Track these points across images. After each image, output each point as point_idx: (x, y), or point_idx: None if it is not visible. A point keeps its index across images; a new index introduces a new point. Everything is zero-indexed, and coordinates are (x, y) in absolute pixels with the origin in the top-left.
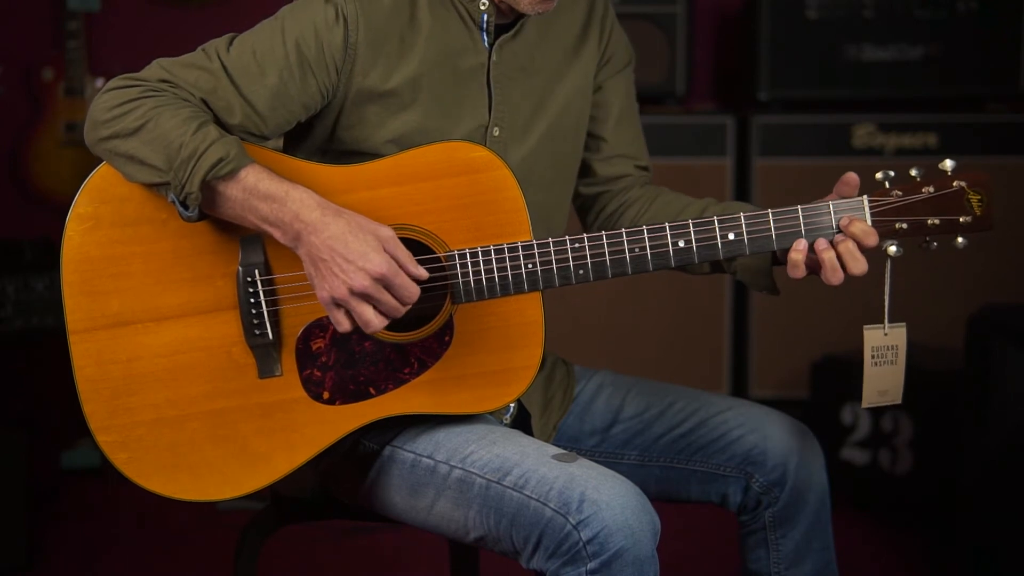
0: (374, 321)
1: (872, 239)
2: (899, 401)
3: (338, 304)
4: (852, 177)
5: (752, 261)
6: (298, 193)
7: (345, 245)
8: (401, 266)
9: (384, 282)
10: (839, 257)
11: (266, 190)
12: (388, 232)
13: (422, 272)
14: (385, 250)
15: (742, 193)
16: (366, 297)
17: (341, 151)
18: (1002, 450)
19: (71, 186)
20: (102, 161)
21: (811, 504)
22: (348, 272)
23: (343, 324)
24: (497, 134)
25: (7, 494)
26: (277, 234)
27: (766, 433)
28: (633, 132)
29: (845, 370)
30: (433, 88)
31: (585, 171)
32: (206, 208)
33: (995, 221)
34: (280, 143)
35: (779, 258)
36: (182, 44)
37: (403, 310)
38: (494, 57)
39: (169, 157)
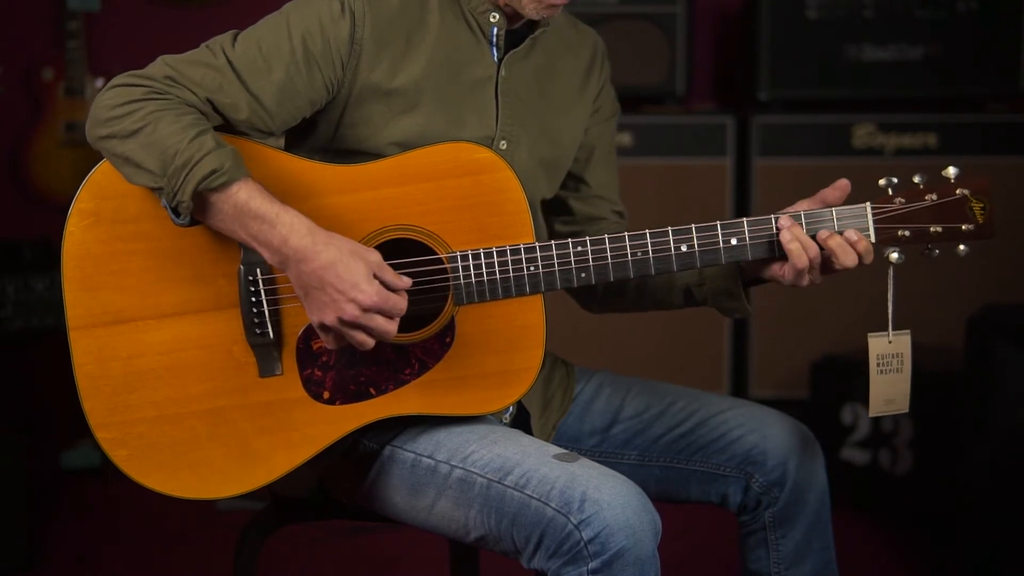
0: (368, 343)
1: (868, 257)
2: (906, 410)
3: (328, 328)
4: (843, 183)
5: (721, 286)
6: (288, 217)
7: (336, 276)
8: (387, 284)
9: (375, 310)
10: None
11: (256, 209)
12: (376, 257)
13: (406, 282)
14: (375, 276)
15: (742, 193)
16: (356, 326)
17: (344, 150)
18: (1002, 450)
19: (71, 186)
20: (103, 159)
21: (811, 504)
22: (339, 303)
23: (333, 345)
24: (504, 147)
25: (7, 494)
26: (266, 254)
27: (766, 433)
28: (610, 175)
29: (845, 370)
30: (438, 93)
31: (564, 209)
32: (198, 216)
33: (996, 228)
34: (282, 142)
35: (748, 271)
36: (182, 44)
37: (394, 332)
38: (503, 72)
39: (164, 163)
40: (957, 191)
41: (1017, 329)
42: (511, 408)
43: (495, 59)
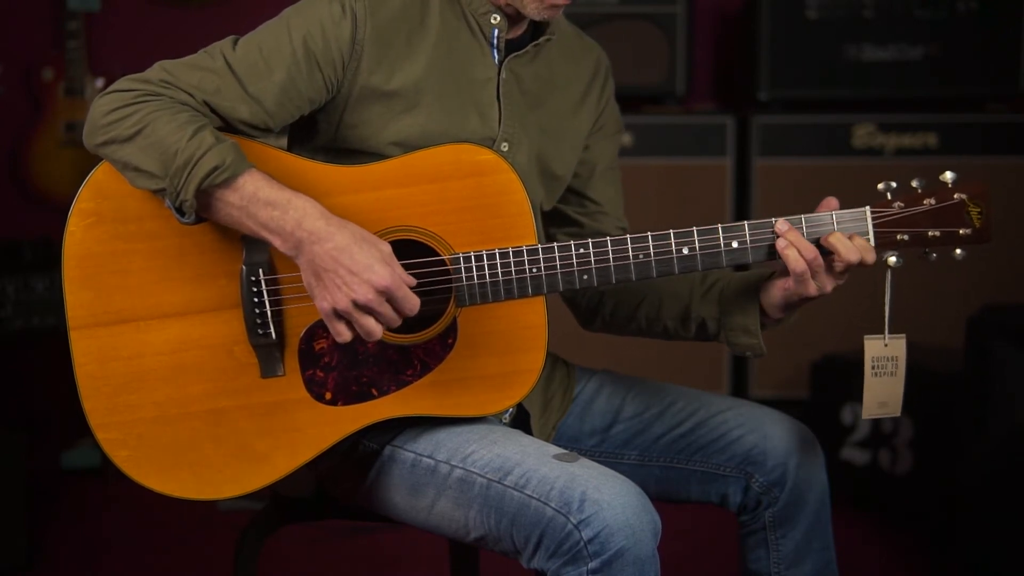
0: (376, 330)
1: (870, 256)
2: (898, 414)
3: (339, 315)
4: (832, 202)
5: (739, 323)
6: (300, 202)
7: (351, 256)
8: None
9: (387, 295)
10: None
11: (267, 197)
12: (387, 248)
13: (411, 280)
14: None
15: (742, 193)
16: (368, 309)
17: (345, 150)
18: (1002, 450)
19: (71, 186)
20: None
21: (811, 504)
22: (352, 284)
23: (343, 335)
24: (506, 149)
25: (7, 494)
26: (277, 242)
27: (766, 433)
28: (614, 191)
29: (845, 370)
30: (439, 93)
31: (569, 222)
32: (203, 213)
33: (993, 233)
34: (284, 142)
35: (768, 309)
36: (182, 44)
37: (399, 320)
38: (503, 75)
39: (165, 164)
40: (955, 195)
41: (1017, 329)
42: (511, 408)
43: (495, 61)
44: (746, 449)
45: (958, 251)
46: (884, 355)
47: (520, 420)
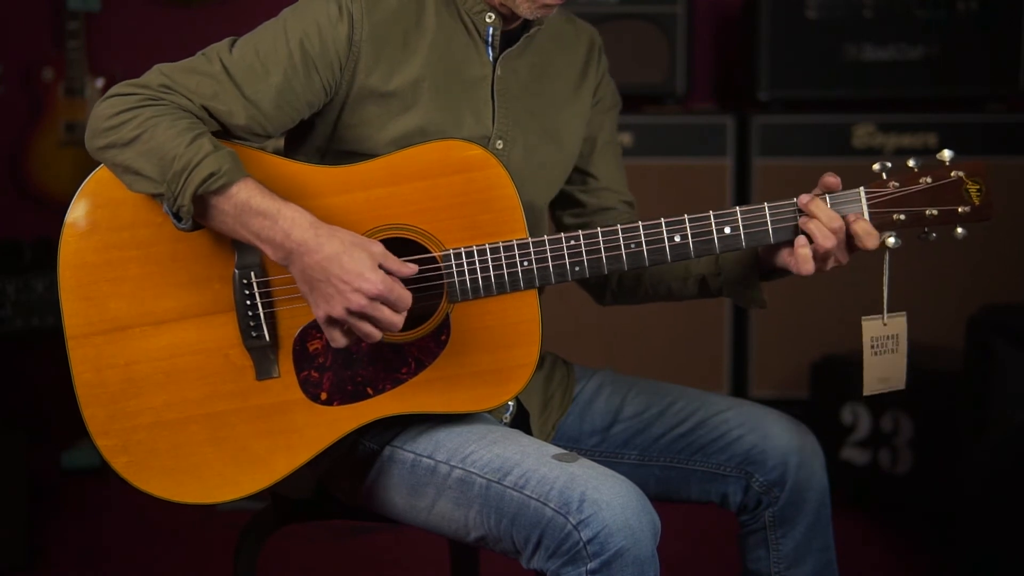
0: (375, 334)
1: (873, 241)
2: (903, 387)
3: (335, 323)
4: (832, 180)
5: (738, 275)
6: (290, 212)
7: (340, 266)
8: (392, 272)
9: (380, 299)
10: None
11: (257, 207)
12: (379, 247)
13: (412, 268)
14: (380, 266)
15: (742, 193)
16: (363, 316)
17: (342, 151)
18: (1002, 450)
19: (71, 186)
20: (99, 165)
21: (811, 504)
22: (345, 293)
23: (339, 341)
24: (500, 147)
25: (7, 494)
26: (268, 251)
27: (766, 433)
28: (615, 166)
29: (845, 370)
30: (435, 93)
31: (572, 202)
32: (200, 219)
33: (995, 211)
34: (281, 143)
35: (765, 260)
36: (182, 44)
37: (399, 325)
38: (498, 71)
39: (163, 169)
40: (952, 173)
41: (1017, 329)
42: (511, 407)
43: (490, 58)
44: (746, 449)
45: (959, 230)
46: (884, 334)
47: (520, 420)
